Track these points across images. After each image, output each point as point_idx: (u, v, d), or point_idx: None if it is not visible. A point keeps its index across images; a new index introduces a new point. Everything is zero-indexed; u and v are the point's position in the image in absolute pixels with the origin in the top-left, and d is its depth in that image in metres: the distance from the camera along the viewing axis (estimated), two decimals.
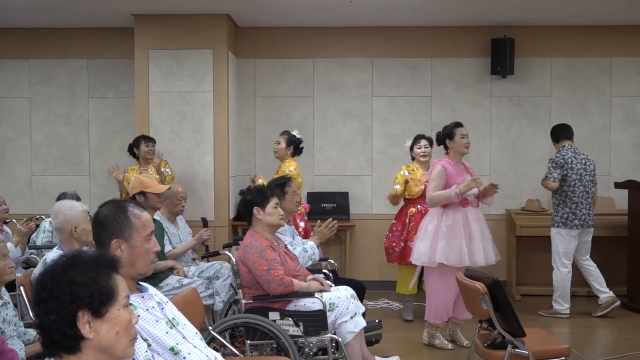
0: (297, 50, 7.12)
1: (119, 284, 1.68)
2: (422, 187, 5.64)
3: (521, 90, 7.11)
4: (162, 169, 6.21)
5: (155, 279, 4.46)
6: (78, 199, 5.01)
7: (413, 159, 5.90)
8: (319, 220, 4.85)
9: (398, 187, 5.76)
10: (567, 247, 5.87)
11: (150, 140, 6.18)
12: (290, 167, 5.68)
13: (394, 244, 5.78)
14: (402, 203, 5.89)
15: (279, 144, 5.82)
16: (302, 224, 5.54)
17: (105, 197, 5.90)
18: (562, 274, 5.89)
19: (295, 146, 5.84)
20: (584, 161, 5.86)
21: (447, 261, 4.77)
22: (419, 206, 5.73)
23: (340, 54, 7.13)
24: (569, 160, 5.82)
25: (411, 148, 5.87)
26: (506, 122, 7.14)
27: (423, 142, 5.79)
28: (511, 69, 6.87)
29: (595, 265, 5.97)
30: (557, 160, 5.82)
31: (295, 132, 5.89)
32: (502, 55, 6.84)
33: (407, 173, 5.78)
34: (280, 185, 4.65)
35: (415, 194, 5.73)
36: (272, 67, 7.15)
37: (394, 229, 5.85)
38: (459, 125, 4.97)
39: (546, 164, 6.12)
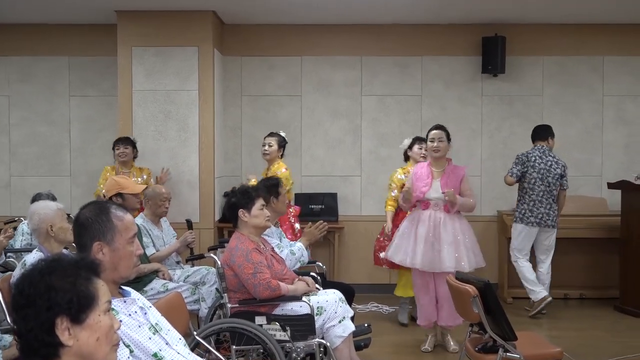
0: (284, 47, 7.11)
1: (100, 288, 1.67)
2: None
3: (512, 89, 7.14)
4: (149, 178, 6.15)
5: (139, 282, 4.44)
6: (54, 198, 4.97)
7: (406, 160, 5.90)
8: (310, 223, 4.84)
9: (395, 192, 5.76)
10: (521, 243, 6.14)
11: (122, 142, 6.12)
12: (281, 168, 5.71)
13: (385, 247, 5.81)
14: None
15: (270, 145, 5.83)
16: (297, 225, 5.57)
17: (86, 198, 5.86)
18: (518, 266, 6.17)
19: (284, 147, 5.94)
20: (549, 163, 6.08)
21: (393, 259, 5.09)
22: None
23: (328, 52, 7.13)
24: (532, 158, 6.09)
25: (410, 147, 5.86)
26: (497, 121, 7.17)
27: (424, 144, 5.78)
28: (502, 67, 6.90)
29: (529, 265, 6.16)
30: (521, 157, 6.15)
31: (283, 133, 6.00)
32: (493, 53, 6.87)
33: (402, 177, 5.78)
34: (273, 185, 4.64)
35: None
36: (258, 65, 7.14)
37: (382, 232, 5.87)
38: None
39: None
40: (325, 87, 7.16)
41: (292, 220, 5.60)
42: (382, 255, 5.64)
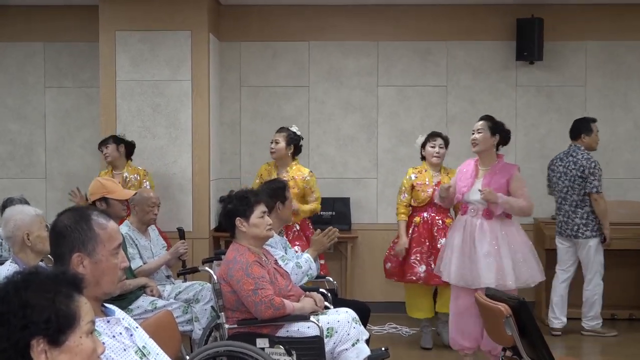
0: (289, 31, 7.12)
1: (82, 307, 1.68)
2: (430, 192, 5.66)
3: (551, 78, 7.13)
4: (144, 180, 6.15)
5: (124, 300, 4.45)
6: (26, 204, 5.00)
7: (423, 158, 5.91)
8: (317, 230, 4.84)
9: (406, 196, 5.81)
10: (558, 254, 6.36)
11: (103, 142, 6.14)
12: (304, 172, 5.73)
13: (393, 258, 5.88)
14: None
15: (277, 143, 5.82)
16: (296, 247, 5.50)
17: (64, 204, 5.88)
18: (555, 281, 6.32)
19: (295, 145, 5.86)
20: (568, 164, 6.24)
21: (441, 275, 5.12)
22: (425, 215, 5.76)
23: (340, 37, 7.14)
24: (554, 162, 6.37)
25: (423, 146, 5.88)
26: (534, 115, 7.15)
27: (439, 141, 5.81)
28: (540, 54, 6.89)
29: (564, 292, 6.27)
30: (549, 162, 6.47)
31: (294, 129, 5.91)
32: (529, 37, 6.85)
33: (413, 177, 5.80)
34: (279, 189, 4.65)
35: (422, 201, 5.74)
36: (260, 52, 7.16)
37: (397, 240, 5.90)
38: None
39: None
40: (336, 76, 7.17)
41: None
42: (387, 266, 5.89)
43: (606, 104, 7.12)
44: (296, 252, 4.92)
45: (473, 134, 5.00)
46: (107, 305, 2.34)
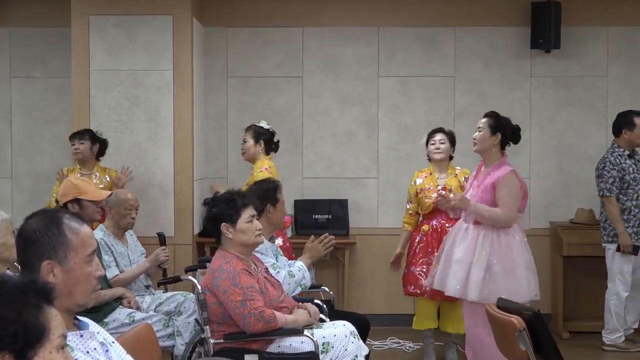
0: (282, 16, 7.13)
1: (53, 319, 1.68)
2: (435, 196, 5.64)
3: (570, 68, 7.14)
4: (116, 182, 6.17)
5: (99, 312, 4.46)
6: None
7: (430, 159, 5.93)
8: (312, 236, 4.85)
9: (410, 204, 5.87)
10: None
11: (74, 136, 6.14)
12: (261, 167, 5.67)
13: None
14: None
15: (245, 142, 5.83)
16: (279, 241, 5.39)
17: (32, 206, 5.88)
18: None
19: (266, 140, 5.83)
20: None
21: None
22: (434, 222, 5.75)
23: (337, 22, 7.15)
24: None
25: (427, 145, 5.89)
26: (550, 109, 7.17)
27: (438, 136, 5.80)
28: (557, 41, 6.90)
29: (618, 292, 6.26)
30: None
31: (262, 123, 5.90)
32: (545, 23, 6.87)
33: (418, 182, 5.82)
34: (270, 190, 4.65)
35: (427, 209, 5.75)
36: (249, 39, 7.16)
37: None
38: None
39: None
40: (332, 66, 7.18)
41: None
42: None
43: (629, 95, 7.11)
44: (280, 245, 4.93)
45: (476, 131, 5.06)
46: (80, 318, 2.34)
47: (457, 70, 7.17)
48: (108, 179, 6.17)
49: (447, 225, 5.64)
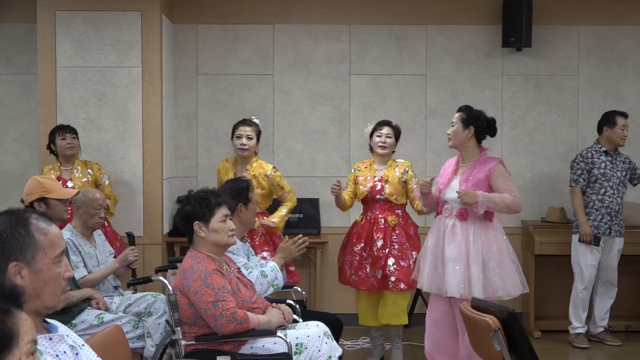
0: (252, 13, 7.11)
1: (22, 324, 1.65)
2: (370, 186, 5.68)
3: (541, 66, 7.20)
4: (100, 175, 6.11)
5: (67, 314, 4.42)
6: None
7: (372, 150, 5.92)
8: (286, 237, 4.85)
9: (347, 187, 5.91)
10: None
11: (66, 130, 6.10)
12: (266, 169, 5.68)
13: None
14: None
15: (249, 139, 5.72)
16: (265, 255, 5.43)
17: None
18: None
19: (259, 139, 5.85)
20: None
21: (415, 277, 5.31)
22: (369, 214, 5.80)
23: (308, 19, 7.14)
24: None
25: (371, 135, 5.88)
26: (521, 107, 7.22)
27: (385, 129, 5.79)
28: (528, 39, 6.95)
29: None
30: None
31: (257, 121, 5.88)
32: (516, 22, 6.92)
33: (355, 170, 5.92)
34: (242, 189, 4.63)
35: (361, 195, 5.80)
36: (219, 36, 7.13)
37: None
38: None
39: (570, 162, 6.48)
40: (303, 64, 7.17)
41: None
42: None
43: (599, 94, 7.19)
44: (264, 258, 4.91)
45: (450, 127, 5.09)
46: (49, 320, 2.31)
47: (429, 68, 7.19)
48: (91, 172, 6.10)
49: (380, 216, 5.72)
